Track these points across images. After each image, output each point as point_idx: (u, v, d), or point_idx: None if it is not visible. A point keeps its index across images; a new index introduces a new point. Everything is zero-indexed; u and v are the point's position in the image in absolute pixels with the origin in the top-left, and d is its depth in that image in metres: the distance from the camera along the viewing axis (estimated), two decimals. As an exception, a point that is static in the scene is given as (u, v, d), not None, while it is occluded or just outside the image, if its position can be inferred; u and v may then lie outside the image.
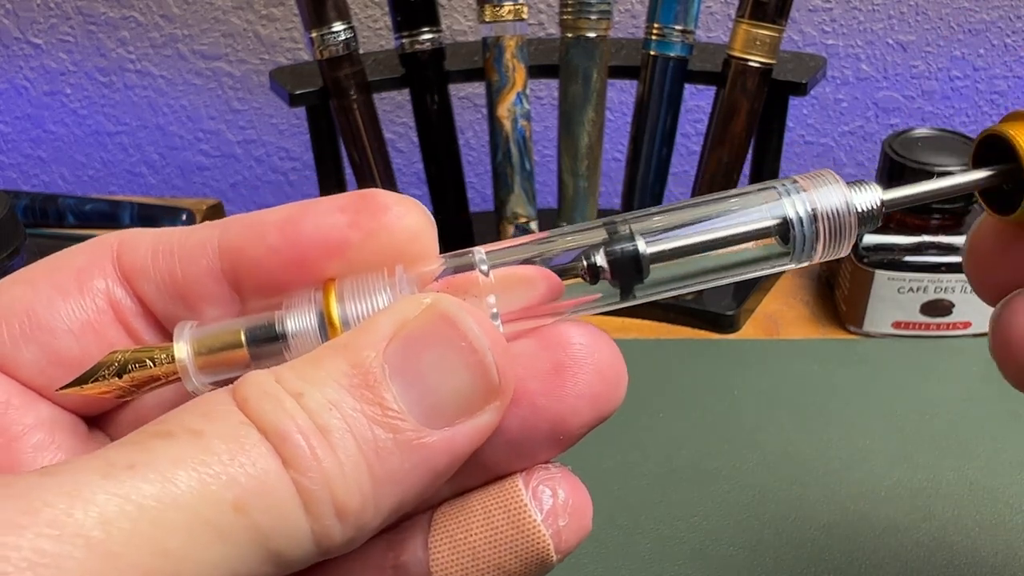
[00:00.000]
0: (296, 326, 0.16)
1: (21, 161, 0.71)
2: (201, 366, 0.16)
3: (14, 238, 0.40)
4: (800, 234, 0.17)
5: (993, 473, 0.40)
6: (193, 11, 0.64)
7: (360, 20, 0.63)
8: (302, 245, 0.16)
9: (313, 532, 0.14)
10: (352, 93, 0.49)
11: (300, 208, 0.17)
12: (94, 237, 0.18)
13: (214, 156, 0.70)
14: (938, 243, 0.48)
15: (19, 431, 0.17)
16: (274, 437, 0.14)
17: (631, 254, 0.16)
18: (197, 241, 0.17)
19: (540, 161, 0.67)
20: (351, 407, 0.14)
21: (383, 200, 0.16)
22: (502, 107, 0.50)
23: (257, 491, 0.13)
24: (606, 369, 0.17)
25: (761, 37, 0.46)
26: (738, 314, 0.50)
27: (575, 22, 0.48)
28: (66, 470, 0.13)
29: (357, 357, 0.14)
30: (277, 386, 0.14)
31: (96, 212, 0.52)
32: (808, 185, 0.17)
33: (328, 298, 0.16)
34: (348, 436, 0.14)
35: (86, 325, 0.17)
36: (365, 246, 0.16)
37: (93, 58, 0.66)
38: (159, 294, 0.17)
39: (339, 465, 0.14)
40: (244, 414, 0.14)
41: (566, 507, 0.17)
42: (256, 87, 0.67)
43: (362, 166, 0.51)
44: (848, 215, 0.17)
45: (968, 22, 0.62)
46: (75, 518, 0.12)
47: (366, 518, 0.14)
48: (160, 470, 0.13)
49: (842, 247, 0.17)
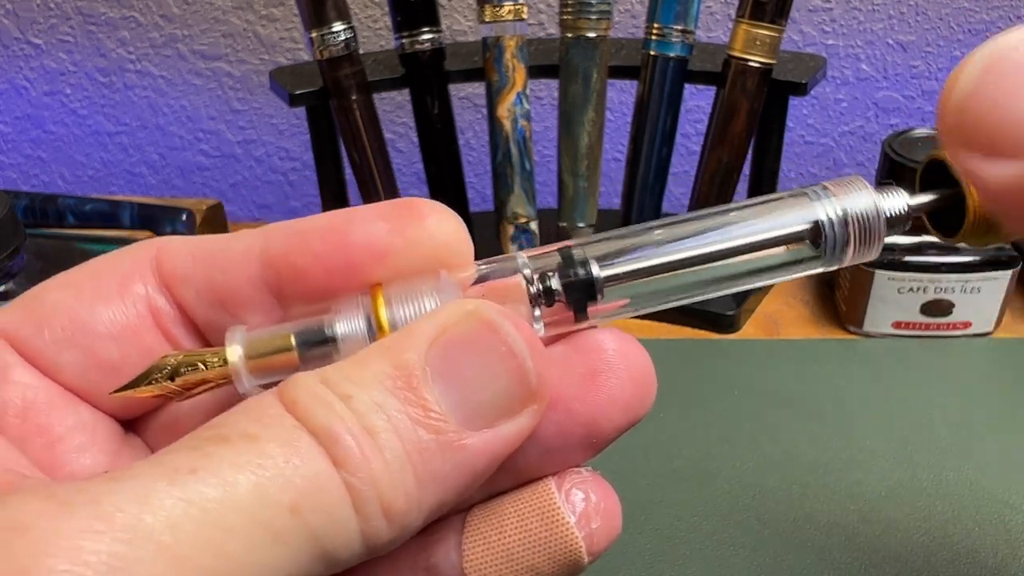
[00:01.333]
0: (345, 329, 0.16)
1: (21, 161, 0.71)
2: (252, 369, 0.17)
3: (14, 238, 0.40)
4: (831, 236, 0.17)
5: (993, 473, 0.40)
6: (193, 11, 0.64)
7: (360, 20, 0.63)
8: (347, 252, 0.17)
9: (362, 532, 0.14)
10: (352, 93, 0.49)
11: (343, 216, 0.17)
12: (95, 239, 0.18)
13: (214, 156, 0.70)
14: (938, 243, 0.48)
15: (61, 432, 0.17)
16: (325, 439, 0.14)
17: (584, 279, 0.17)
18: (239, 249, 0.17)
19: (540, 161, 0.67)
20: (396, 409, 0.14)
21: (422, 207, 0.17)
22: (502, 107, 0.50)
23: (311, 493, 0.13)
24: (638, 374, 0.17)
25: (761, 37, 0.46)
26: (738, 314, 0.50)
27: (575, 22, 0.48)
28: (132, 475, 0.13)
29: (400, 359, 0.15)
30: (325, 388, 0.15)
31: (96, 212, 0.52)
32: (838, 191, 0.17)
33: (376, 302, 0.16)
34: (394, 437, 0.14)
35: (126, 330, 0.17)
36: (407, 252, 0.17)
37: (93, 58, 0.66)
38: (199, 301, 0.17)
39: (386, 465, 0.14)
40: (294, 416, 0.14)
41: (598, 510, 0.17)
42: (256, 87, 0.67)
43: (362, 166, 0.51)
44: (877, 219, 0.17)
45: (968, 22, 0.62)
46: (145, 523, 0.12)
47: (410, 518, 0.14)
48: (220, 474, 0.13)
49: (871, 251, 0.18)
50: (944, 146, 0.16)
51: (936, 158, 0.18)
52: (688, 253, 0.17)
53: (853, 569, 0.36)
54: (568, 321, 0.17)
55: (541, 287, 0.17)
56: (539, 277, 0.17)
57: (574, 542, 0.17)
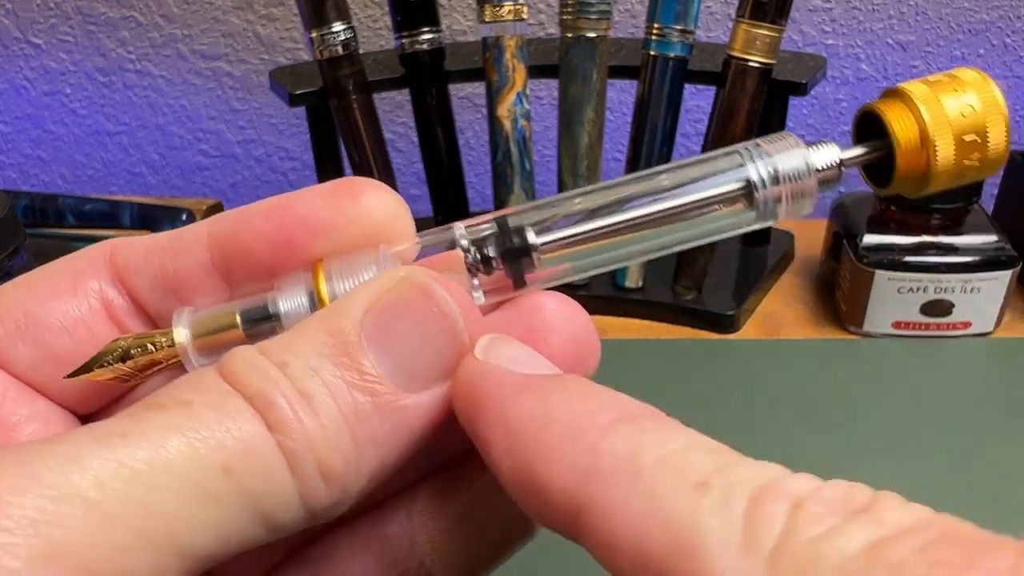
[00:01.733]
0: (288, 306, 0.17)
1: (21, 161, 0.71)
2: (200, 348, 0.17)
3: (14, 238, 0.40)
4: (763, 194, 0.18)
5: (993, 473, 0.40)
6: (193, 11, 0.64)
7: (360, 20, 0.63)
8: (287, 228, 0.17)
9: (300, 494, 0.14)
10: (352, 93, 0.49)
11: (285, 196, 0.17)
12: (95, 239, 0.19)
13: (214, 156, 0.70)
14: (938, 243, 0.48)
15: (15, 421, 0.17)
16: (259, 402, 0.14)
17: (519, 246, 0.17)
18: (187, 236, 0.18)
19: (540, 161, 0.67)
20: (331, 373, 0.15)
21: (360, 184, 0.17)
22: (502, 107, 0.50)
23: (244, 454, 0.14)
24: (577, 332, 0.17)
25: (761, 37, 0.46)
26: (738, 314, 0.50)
27: (575, 22, 0.48)
28: (64, 439, 0.13)
29: (336, 326, 0.15)
30: (261, 357, 0.15)
31: (96, 212, 0.52)
32: (770, 148, 0.18)
33: (317, 277, 0.17)
34: (329, 400, 0.15)
35: (79, 323, 0.18)
36: (347, 228, 0.17)
37: (93, 58, 0.66)
38: (152, 290, 0.18)
39: (321, 428, 0.14)
40: (230, 384, 0.14)
41: None
42: (256, 87, 0.67)
43: (362, 166, 0.51)
44: (808, 175, 0.18)
45: (968, 22, 0.62)
46: (72, 480, 0.13)
47: (349, 480, 0.15)
48: (151, 437, 0.13)
49: (803, 206, 0.18)
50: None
51: (868, 111, 0.19)
52: (623, 216, 0.18)
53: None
54: (509, 289, 0.18)
55: (479, 256, 0.17)
56: (476, 246, 0.17)
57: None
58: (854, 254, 0.48)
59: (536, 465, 0.14)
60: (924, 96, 0.18)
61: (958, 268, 0.47)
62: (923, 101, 0.18)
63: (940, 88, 0.18)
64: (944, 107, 0.18)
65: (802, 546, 0.11)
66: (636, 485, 0.13)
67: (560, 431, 0.14)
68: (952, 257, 0.47)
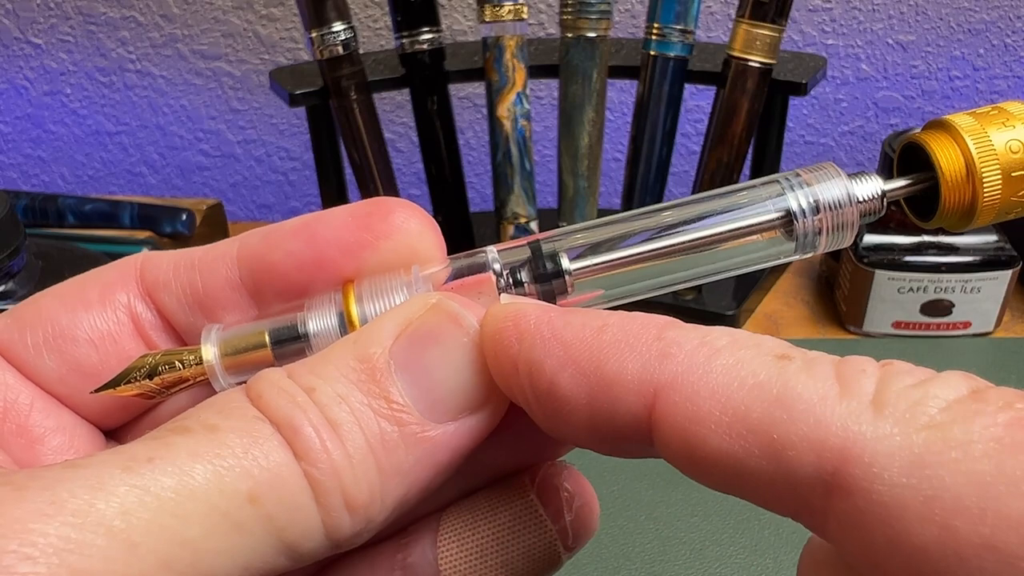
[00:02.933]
0: (317, 326, 0.16)
1: (21, 161, 0.71)
2: (228, 367, 0.17)
3: (14, 238, 0.40)
4: (803, 225, 0.17)
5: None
6: (193, 11, 0.64)
7: (360, 20, 0.63)
8: (317, 247, 0.17)
9: (324, 524, 0.14)
10: (352, 93, 0.49)
11: (313, 216, 0.17)
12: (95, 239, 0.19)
13: (214, 156, 0.70)
14: (938, 243, 0.48)
15: (40, 433, 0.17)
16: (286, 430, 0.14)
17: (553, 271, 0.17)
18: (216, 254, 0.18)
19: (540, 161, 0.67)
20: (359, 401, 0.15)
21: (389, 204, 0.17)
22: (502, 107, 0.50)
23: (270, 483, 0.14)
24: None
25: (761, 37, 0.46)
26: (738, 314, 0.50)
27: (575, 22, 0.48)
28: (89, 463, 0.13)
29: (365, 352, 0.15)
30: (289, 381, 0.15)
31: (96, 212, 0.52)
32: (811, 178, 0.17)
33: (347, 298, 0.17)
34: (356, 429, 0.14)
35: (106, 336, 0.17)
36: (376, 248, 0.17)
37: (93, 58, 0.66)
38: (179, 306, 0.18)
39: (348, 458, 0.14)
40: (258, 409, 0.14)
41: (572, 503, 0.17)
42: (256, 87, 0.67)
43: (362, 166, 0.51)
44: (850, 206, 0.17)
45: (968, 22, 0.62)
46: (97, 508, 0.12)
47: (374, 510, 0.14)
48: (178, 464, 0.13)
49: (845, 238, 0.18)
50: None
51: (912, 141, 0.18)
52: (659, 243, 0.17)
53: (853, 569, 0.36)
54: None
55: (511, 281, 0.17)
56: (509, 271, 0.17)
57: (548, 536, 0.17)
58: (854, 254, 0.48)
59: (603, 361, 0.14)
60: (971, 128, 0.17)
61: (958, 268, 0.47)
62: (970, 133, 0.17)
63: (987, 120, 0.17)
64: (992, 140, 0.17)
65: (902, 392, 0.12)
66: (716, 359, 0.13)
67: (618, 332, 0.14)
68: (952, 257, 0.47)
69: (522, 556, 0.17)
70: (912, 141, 0.18)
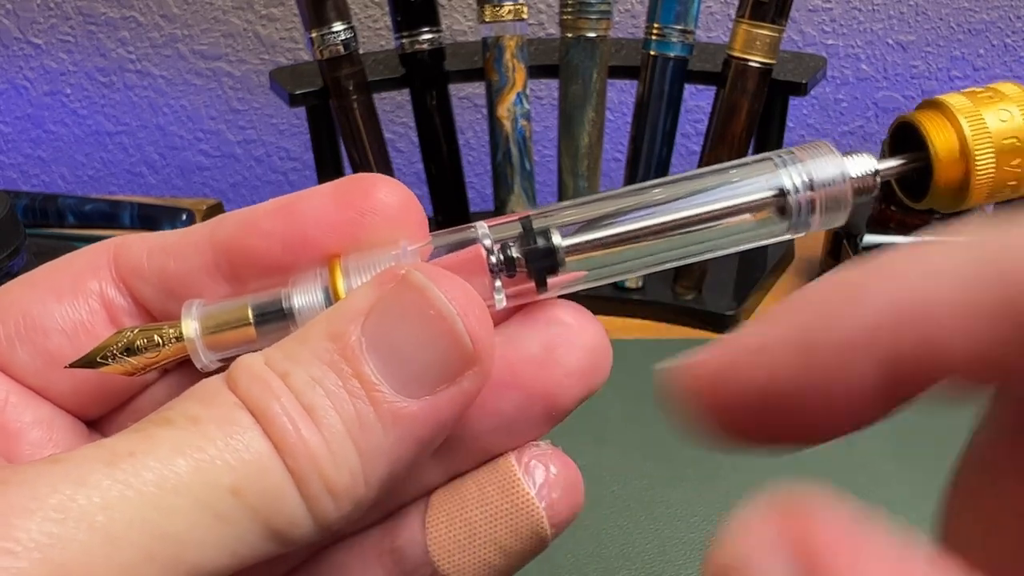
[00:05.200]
0: (303, 302, 0.16)
1: (21, 161, 0.71)
2: (209, 343, 0.16)
3: (14, 238, 0.40)
4: (797, 203, 0.17)
5: (993, 473, 0.40)
6: (193, 11, 0.64)
7: (360, 20, 0.63)
8: (298, 226, 0.17)
9: (309, 511, 0.14)
10: (352, 93, 0.49)
11: (292, 195, 0.17)
12: (95, 239, 0.18)
13: (214, 156, 0.70)
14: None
15: (17, 428, 0.17)
16: (262, 419, 0.14)
17: (545, 248, 0.17)
18: (190, 239, 0.17)
19: (540, 161, 0.67)
20: (333, 383, 0.14)
21: (370, 179, 0.17)
22: (502, 107, 0.50)
23: (251, 474, 0.14)
24: (593, 345, 0.17)
25: (761, 37, 0.46)
26: (738, 314, 0.50)
27: (575, 22, 0.48)
28: (72, 458, 0.13)
29: (336, 331, 0.15)
30: (265, 367, 0.15)
31: (96, 212, 0.52)
32: (804, 156, 0.17)
33: (334, 273, 0.16)
34: (332, 413, 0.14)
35: (79, 325, 0.17)
36: (359, 224, 0.17)
37: (93, 58, 0.66)
38: (154, 292, 0.17)
39: (325, 443, 0.14)
40: (236, 396, 0.14)
41: (558, 481, 0.17)
42: (256, 87, 0.67)
43: (362, 166, 0.51)
44: (844, 184, 0.17)
45: (968, 22, 0.62)
46: (79, 503, 0.12)
47: (358, 493, 0.14)
48: (159, 457, 0.13)
49: (838, 217, 0.17)
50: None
51: (904, 121, 0.18)
52: (651, 221, 0.17)
53: (853, 569, 0.36)
54: (530, 292, 0.17)
55: (502, 257, 0.17)
56: (500, 247, 0.17)
57: (535, 513, 0.17)
58: (854, 254, 0.48)
59: None
60: (964, 108, 0.17)
61: (958, 268, 0.47)
62: (963, 113, 0.17)
63: (980, 101, 0.17)
64: (985, 120, 0.17)
65: None
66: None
67: None
68: (952, 257, 0.47)
69: (510, 534, 0.17)
70: (905, 120, 0.18)
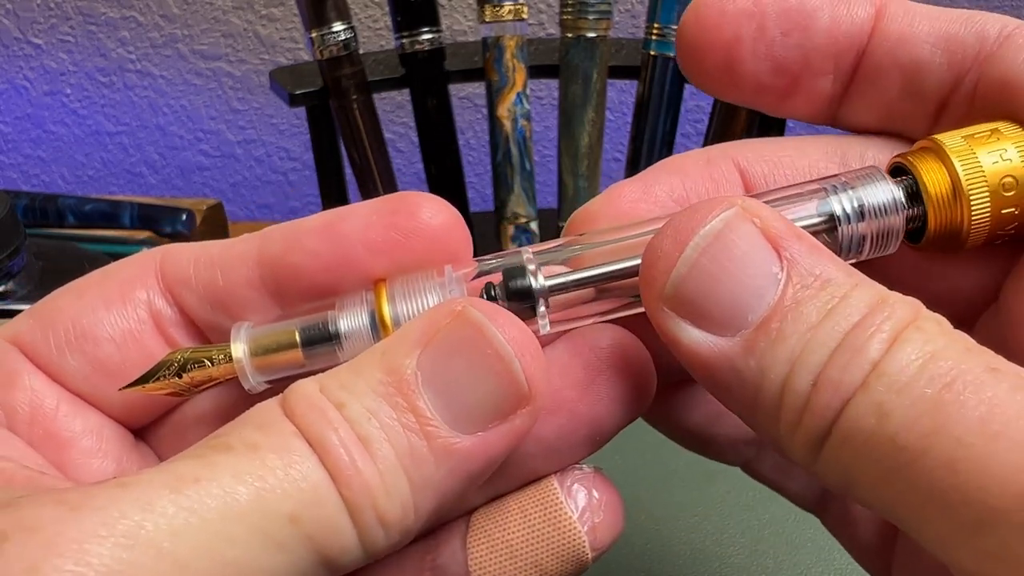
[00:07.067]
0: (349, 326, 0.16)
1: (21, 161, 0.71)
2: (257, 366, 0.17)
3: (14, 238, 0.40)
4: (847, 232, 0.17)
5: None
6: (193, 11, 0.64)
7: (360, 20, 0.63)
8: (341, 247, 0.17)
9: (360, 539, 0.14)
10: (352, 93, 0.49)
11: (337, 212, 0.17)
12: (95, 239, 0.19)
13: (214, 156, 0.70)
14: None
15: (68, 437, 0.17)
16: (319, 449, 0.14)
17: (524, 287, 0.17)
18: (237, 252, 0.18)
19: (540, 161, 0.67)
20: (388, 416, 0.15)
21: (416, 199, 0.17)
22: (502, 107, 0.50)
23: (309, 503, 0.14)
24: (637, 371, 0.17)
25: (761, 37, 0.46)
26: (738, 314, 0.50)
27: (575, 22, 0.48)
28: (138, 483, 0.14)
29: (392, 365, 0.15)
30: (321, 396, 0.15)
31: (96, 212, 0.52)
32: (855, 182, 0.17)
33: (380, 298, 0.16)
34: (386, 445, 0.14)
35: (127, 334, 0.18)
36: (403, 245, 0.17)
37: (93, 58, 0.66)
38: (200, 303, 0.18)
39: (379, 475, 0.14)
40: (294, 425, 0.14)
41: (600, 505, 0.17)
42: (256, 87, 0.67)
43: (362, 166, 0.51)
44: (896, 214, 0.17)
45: (968, 22, 0.62)
46: (147, 529, 0.13)
47: (407, 523, 0.15)
48: (223, 485, 0.14)
49: (889, 245, 0.17)
50: (650, 311, 0.15)
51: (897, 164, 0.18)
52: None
53: (853, 569, 0.36)
54: (581, 314, 0.17)
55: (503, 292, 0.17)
56: (485, 287, 0.17)
57: (577, 536, 0.17)
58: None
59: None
60: (959, 149, 0.17)
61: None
62: (957, 154, 0.16)
63: (977, 141, 0.17)
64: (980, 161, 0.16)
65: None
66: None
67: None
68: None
69: (551, 556, 0.17)
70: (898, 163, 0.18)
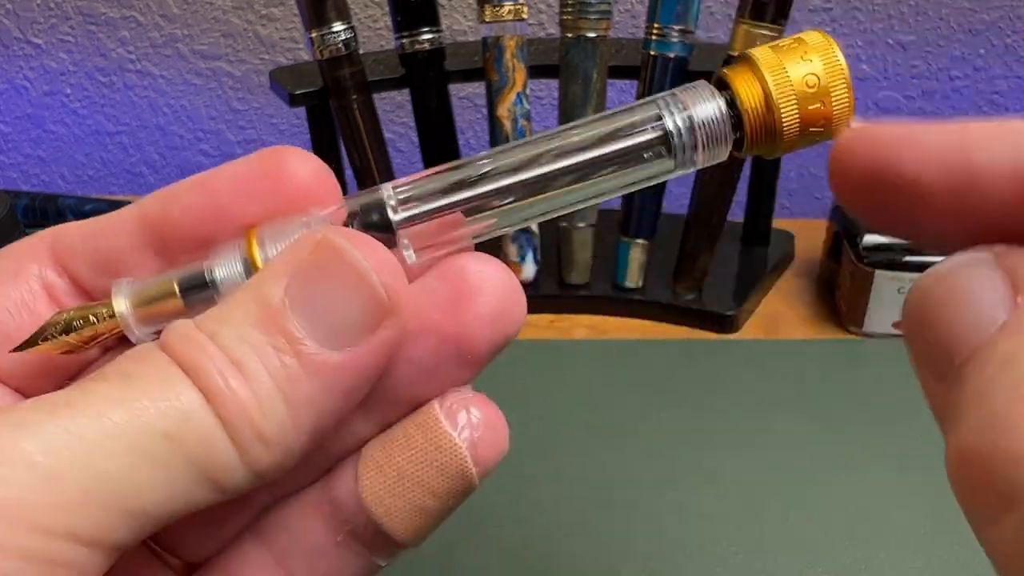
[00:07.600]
0: (224, 273, 0.17)
1: (21, 161, 0.71)
2: (140, 318, 0.18)
3: (14, 238, 0.40)
4: (680, 143, 0.19)
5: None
6: (193, 11, 0.64)
7: (360, 20, 0.63)
8: (215, 199, 0.18)
9: (241, 458, 0.15)
10: (352, 93, 0.49)
11: (211, 170, 0.18)
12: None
13: (214, 156, 0.70)
14: (938, 243, 0.48)
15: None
16: (193, 373, 0.15)
17: (378, 221, 0.18)
18: (119, 218, 0.19)
19: (540, 161, 0.67)
20: (259, 340, 0.16)
21: (283, 151, 0.18)
22: (502, 107, 0.50)
23: (184, 422, 0.15)
24: (502, 291, 0.18)
25: (761, 37, 0.46)
26: (738, 314, 0.50)
27: (575, 22, 0.48)
28: (12, 409, 0.14)
29: (261, 295, 0.16)
30: (196, 329, 0.16)
31: (96, 212, 0.52)
32: (686, 98, 0.19)
33: (250, 244, 0.17)
34: (259, 367, 0.15)
35: (21, 304, 0.19)
36: (273, 193, 0.18)
37: (93, 58, 0.66)
38: (89, 271, 0.19)
39: (254, 394, 0.15)
40: (167, 355, 0.15)
41: (480, 423, 0.18)
42: (256, 87, 0.67)
43: (362, 166, 0.51)
44: (724, 123, 0.19)
45: (968, 22, 0.62)
46: (21, 446, 0.14)
47: (288, 441, 0.16)
48: (96, 406, 0.14)
49: (719, 153, 0.19)
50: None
51: (722, 77, 0.19)
52: (540, 170, 0.18)
53: (853, 569, 0.36)
54: (445, 244, 0.18)
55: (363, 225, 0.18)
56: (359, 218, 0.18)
57: (459, 454, 0.18)
58: (854, 254, 0.48)
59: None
60: (769, 61, 0.19)
61: (958, 268, 0.47)
62: (768, 67, 0.19)
63: (785, 53, 0.19)
64: (788, 72, 0.19)
65: None
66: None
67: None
68: (952, 257, 0.47)
69: (436, 476, 0.18)
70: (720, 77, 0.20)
